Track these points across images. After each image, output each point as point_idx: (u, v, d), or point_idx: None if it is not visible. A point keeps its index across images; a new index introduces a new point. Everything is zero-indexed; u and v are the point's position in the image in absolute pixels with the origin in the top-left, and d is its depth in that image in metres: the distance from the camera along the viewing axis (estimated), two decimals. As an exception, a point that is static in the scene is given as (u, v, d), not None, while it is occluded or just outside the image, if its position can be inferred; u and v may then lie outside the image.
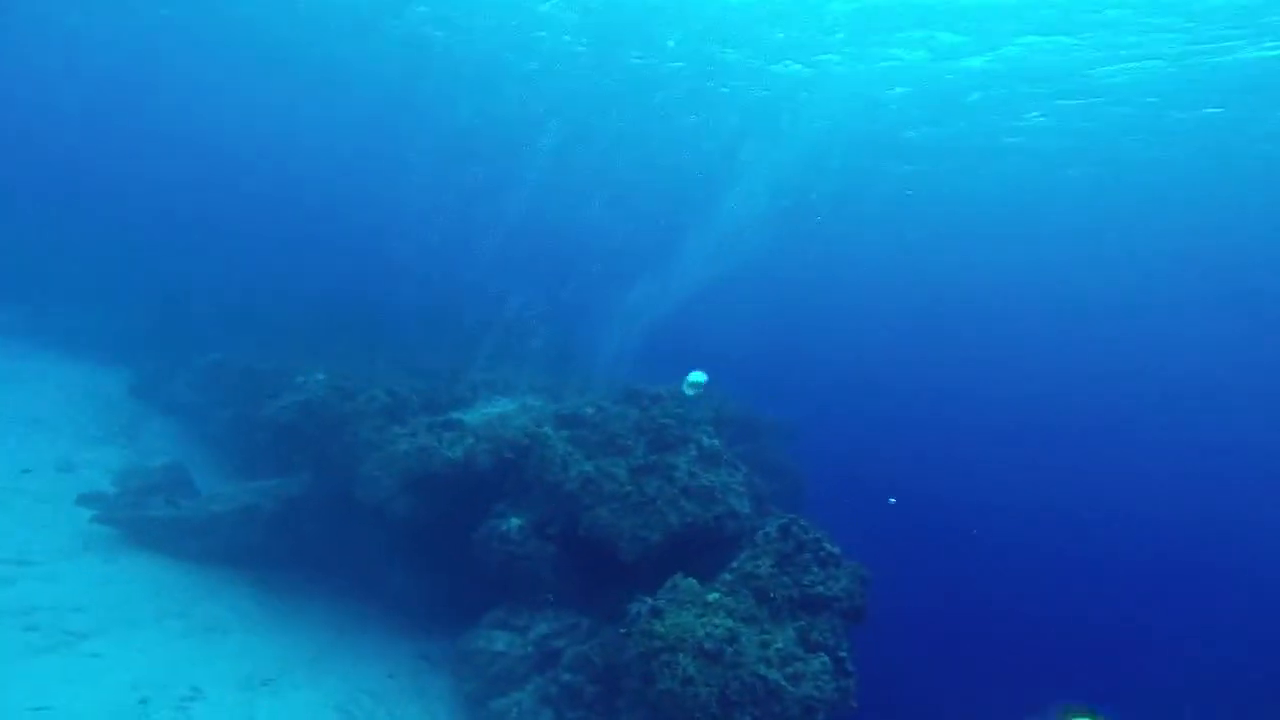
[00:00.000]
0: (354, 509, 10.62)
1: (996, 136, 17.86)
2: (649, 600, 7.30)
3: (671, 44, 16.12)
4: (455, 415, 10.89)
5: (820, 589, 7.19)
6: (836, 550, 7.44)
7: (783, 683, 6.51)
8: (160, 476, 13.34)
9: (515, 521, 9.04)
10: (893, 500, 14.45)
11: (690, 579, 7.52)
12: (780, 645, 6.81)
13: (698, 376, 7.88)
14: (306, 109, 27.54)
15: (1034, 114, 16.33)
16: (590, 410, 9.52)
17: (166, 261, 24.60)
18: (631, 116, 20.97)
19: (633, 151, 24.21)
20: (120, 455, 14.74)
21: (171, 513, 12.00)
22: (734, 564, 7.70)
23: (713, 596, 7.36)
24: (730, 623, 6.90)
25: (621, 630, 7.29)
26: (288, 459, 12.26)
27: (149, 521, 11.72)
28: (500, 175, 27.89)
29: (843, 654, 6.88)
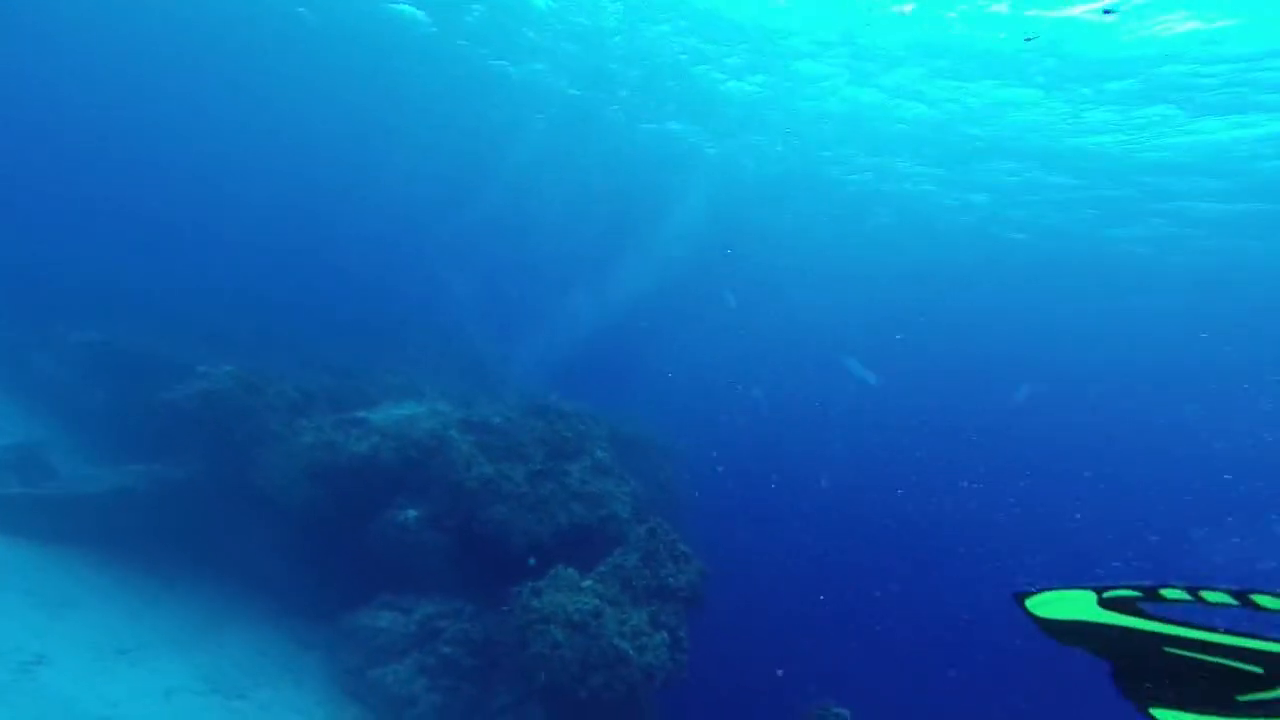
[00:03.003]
0: (245, 497, 10.90)
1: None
2: (531, 583, 8.51)
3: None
4: (362, 414, 11.61)
5: (671, 580, 8.79)
6: (687, 549, 9.12)
7: (631, 652, 7.94)
8: (8, 455, 12.60)
9: (413, 513, 9.92)
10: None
11: (570, 569, 8.83)
12: (635, 623, 8.26)
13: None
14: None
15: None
16: (498, 419, 10.73)
17: (34, 232, 22.77)
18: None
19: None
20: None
21: (22, 491, 11.48)
22: (609, 558, 9.13)
23: (586, 583, 8.71)
24: (597, 603, 8.27)
25: (504, 608, 8.41)
26: (176, 445, 12.20)
27: (-9, 499, 11.14)
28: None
29: (681, 633, 8.45)
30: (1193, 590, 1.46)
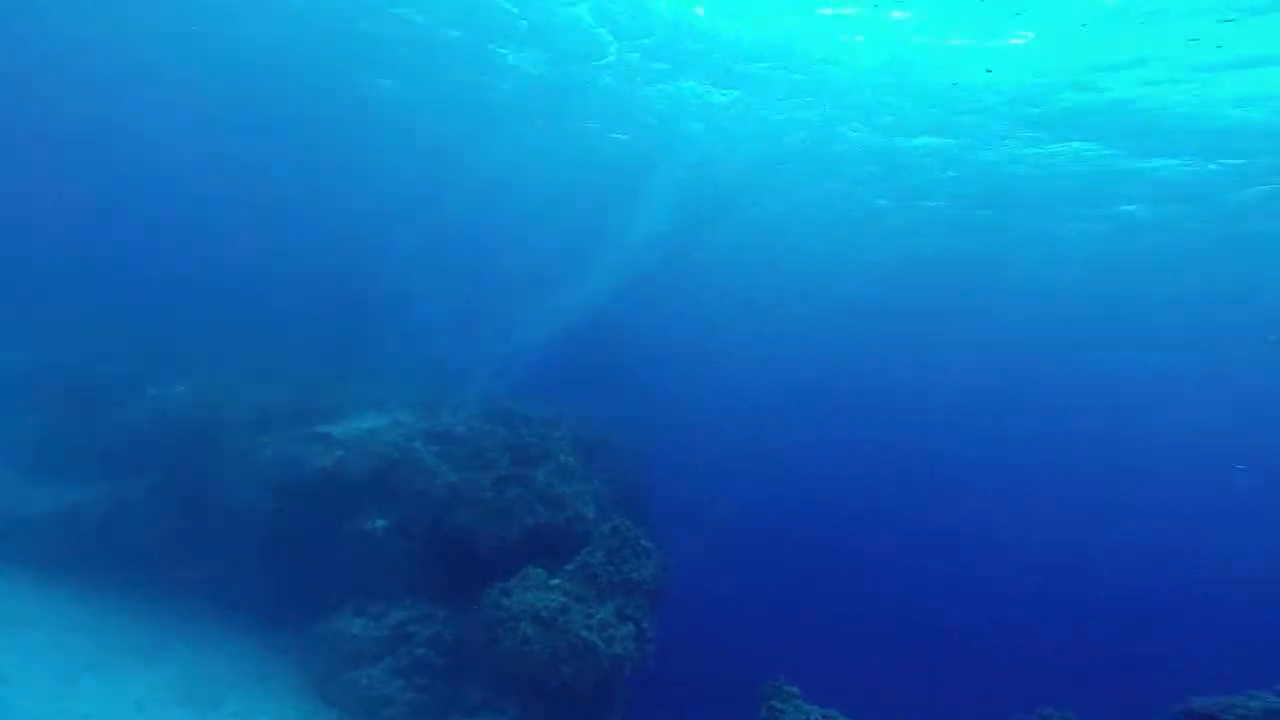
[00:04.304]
0: (208, 511, 10.84)
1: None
2: (500, 584, 8.93)
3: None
4: (324, 428, 11.71)
5: (635, 575, 9.38)
6: (649, 545, 9.74)
7: (599, 644, 8.48)
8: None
9: (380, 522, 10.16)
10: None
11: (539, 569, 9.28)
12: (601, 616, 8.80)
13: None
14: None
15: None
16: (461, 428, 11.07)
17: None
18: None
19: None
20: None
21: (-40, 516, 11.05)
22: (576, 557, 9.64)
23: (554, 581, 9.20)
24: (564, 599, 8.77)
25: (474, 609, 8.79)
26: (126, 465, 11.95)
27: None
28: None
29: (645, 625, 9.03)
30: None
